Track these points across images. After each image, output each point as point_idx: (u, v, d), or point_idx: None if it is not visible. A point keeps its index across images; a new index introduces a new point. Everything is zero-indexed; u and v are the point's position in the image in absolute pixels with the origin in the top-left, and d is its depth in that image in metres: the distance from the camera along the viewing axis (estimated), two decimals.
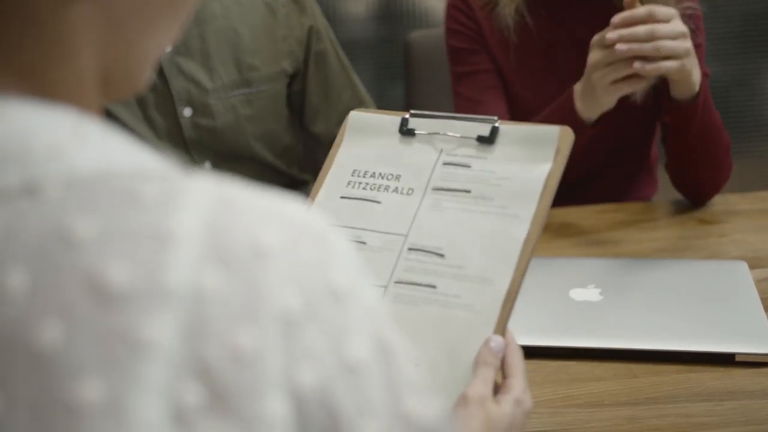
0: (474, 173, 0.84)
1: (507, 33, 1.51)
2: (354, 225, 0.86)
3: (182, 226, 0.40)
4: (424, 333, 0.78)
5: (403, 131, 0.89)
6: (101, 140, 0.43)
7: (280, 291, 0.40)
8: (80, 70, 0.45)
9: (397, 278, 0.81)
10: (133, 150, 0.44)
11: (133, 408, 0.37)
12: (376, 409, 0.42)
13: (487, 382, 0.73)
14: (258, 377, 0.39)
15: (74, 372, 0.37)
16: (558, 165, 0.81)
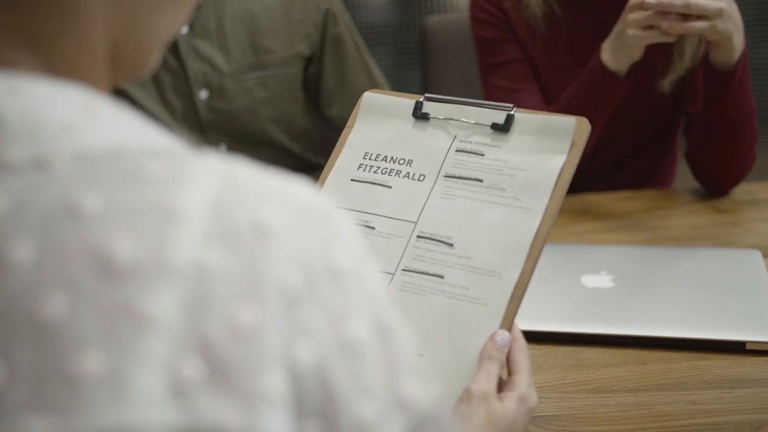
0: (487, 162, 0.83)
1: (534, 23, 1.50)
2: (363, 209, 0.85)
3: (188, 204, 0.41)
4: (429, 323, 0.77)
5: (417, 115, 0.88)
6: (112, 118, 0.43)
7: (282, 269, 0.41)
8: (90, 45, 0.46)
9: (405, 266, 0.81)
10: (143, 128, 0.45)
11: (133, 380, 0.38)
12: (373, 390, 0.42)
13: (491, 378, 0.72)
14: (257, 353, 0.39)
15: (77, 344, 0.38)
16: (572, 157, 0.80)
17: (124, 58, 0.48)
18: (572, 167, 0.80)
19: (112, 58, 0.48)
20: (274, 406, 0.39)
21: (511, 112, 0.84)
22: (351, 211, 0.85)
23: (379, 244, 0.83)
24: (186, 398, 0.38)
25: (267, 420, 0.39)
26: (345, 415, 0.41)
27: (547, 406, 0.94)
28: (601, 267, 1.18)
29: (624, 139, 1.58)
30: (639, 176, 1.64)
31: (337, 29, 1.62)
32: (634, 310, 1.08)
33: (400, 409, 0.43)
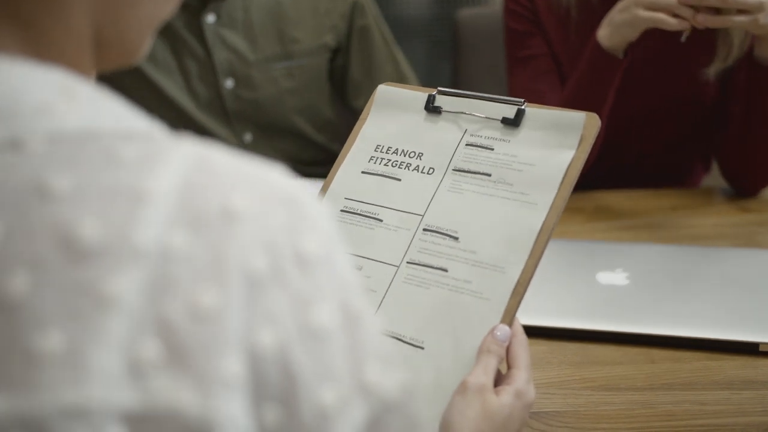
0: (496, 156, 0.83)
1: (568, 7, 1.48)
2: (372, 201, 0.85)
3: (158, 187, 0.41)
4: (431, 316, 0.77)
5: (429, 108, 0.88)
6: (90, 101, 0.44)
7: (247, 253, 0.41)
8: (74, 28, 0.46)
9: (410, 259, 0.81)
10: (123, 112, 0.45)
11: (92, 359, 0.38)
12: (336, 376, 0.42)
13: (488, 371, 0.72)
14: (216, 336, 0.40)
15: (37, 322, 0.38)
16: (581, 153, 0.80)
17: (110, 44, 0.49)
18: (580, 163, 0.80)
19: (98, 43, 0.48)
20: (231, 390, 0.40)
21: (521, 106, 0.84)
22: (360, 203, 0.86)
23: (386, 236, 0.83)
24: (143, 379, 0.39)
25: (223, 403, 0.39)
26: (305, 400, 0.42)
27: (551, 402, 0.93)
28: (618, 264, 1.17)
29: (660, 134, 1.56)
30: (671, 173, 1.62)
31: (364, 21, 1.62)
32: (646, 309, 1.07)
33: (362, 396, 0.44)
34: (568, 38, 1.51)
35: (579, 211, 1.44)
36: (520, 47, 1.55)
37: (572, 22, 1.49)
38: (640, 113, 1.52)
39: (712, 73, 1.43)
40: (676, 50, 1.46)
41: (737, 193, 1.49)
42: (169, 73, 1.53)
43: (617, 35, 1.34)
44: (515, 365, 0.74)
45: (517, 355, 0.75)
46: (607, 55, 1.36)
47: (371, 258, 0.82)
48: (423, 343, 0.76)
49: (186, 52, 1.53)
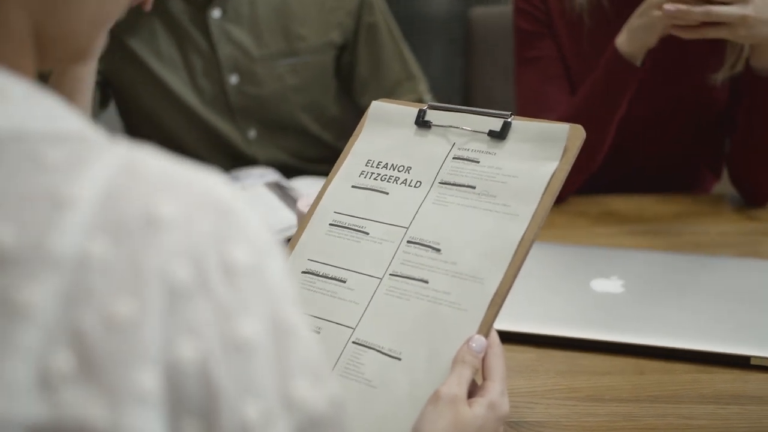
0: (481, 169, 0.83)
1: (580, 13, 1.46)
2: (360, 215, 0.86)
3: (80, 192, 0.40)
4: (409, 328, 0.77)
5: (420, 123, 0.88)
6: (24, 102, 0.43)
7: (169, 262, 0.40)
8: (10, 24, 0.45)
9: (393, 271, 0.81)
10: (57, 112, 0.44)
11: (1, 371, 0.37)
12: (260, 390, 0.41)
13: (462, 382, 0.71)
14: (131, 348, 0.39)
15: None
16: (564, 164, 0.80)
17: (54, 42, 0.47)
18: (563, 174, 0.79)
19: (40, 41, 0.47)
20: (143, 404, 0.39)
21: (508, 119, 0.84)
22: (349, 217, 0.86)
23: (372, 249, 0.83)
24: (53, 392, 0.38)
25: (134, 418, 0.38)
26: (227, 415, 0.40)
27: (534, 412, 0.92)
28: (614, 271, 1.15)
29: (669, 140, 1.53)
30: (678, 181, 1.59)
31: (372, 18, 1.61)
32: (639, 318, 1.05)
33: (288, 411, 0.42)
34: (579, 44, 1.49)
35: (583, 215, 1.43)
36: (527, 47, 1.53)
37: (584, 28, 1.47)
38: (649, 118, 1.50)
39: (719, 79, 1.41)
40: (685, 56, 1.44)
41: (746, 201, 1.47)
42: (174, 68, 1.53)
43: (636, 40, 1.33)
44: (490, 377, 0.73)
45: (492, 367, 0.74)
46: (625, 62, 1.35)
47: (356, 271, 0.83)
48: (400, 355, 0.77)
49: (191, 47, 1.53)
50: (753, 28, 1.23)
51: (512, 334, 1.02)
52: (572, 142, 0.80)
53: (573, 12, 1.48)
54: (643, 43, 1.33)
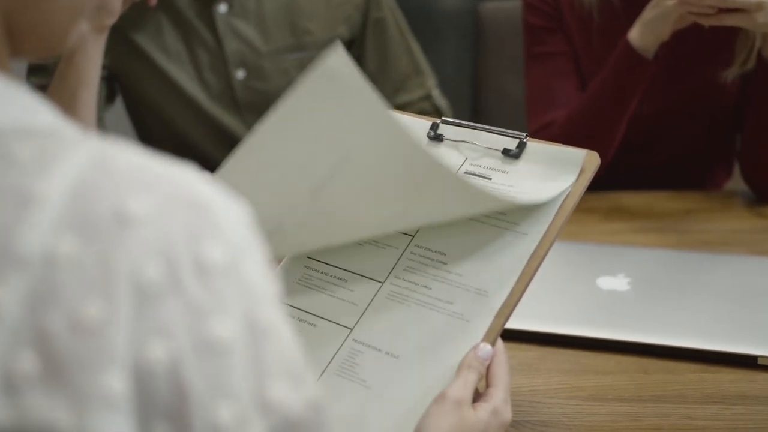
0: (492, 186, 0.82)
1: (590, 11, 1.45)
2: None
3: (48, 188, 0.39)
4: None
5: (432, 136, 0.87)
6: None
7: (139, 261, 0.39)
8: None
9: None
10: (29, 106, 0.43)
11: None
12: (233, 392, 0.40)
13: (468, 386, 0.71)
14: (98, 350, 0.37)
15: None
16: (578, 187, 0.79)
17: (25, 32, 0.46)
18: (576, 197, 0.79)
19: (10, 31, 0.46)
20: (110, 408, 0.37)
21: (523, 139, 0.84)
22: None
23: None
24: (16, 394, 0.37)
25: (101, 423, 0.37)
26: (199, 418, 0.39)
27: (536, 411, 0.90)
28: (620, 269, 1.13)
29: (679, 136, 1.52)
30: (689, 178, 1.57)
31: (379, 13, 1.60)
32: (644, 316, 1.04)
33: (263, 414, 0.41)
34: (589, 40, 1.47)
35: (592, 211, 1.41)
36: (536, 43, 1.52)
37: (594, 25, 1.46)
38: (660, 116, 1.48)
39: (730, 77, 1.39)
40: (695, 53, 1.43)
41: (758, 198, 1.45)
42: (180, 63, 1.53)
43: (649, 33, 1.32)
44: (494, 384, 0.73)
45: (496, 375, 0.74)
46: (638, 56, 1.34)
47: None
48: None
49: (197, 41, 1.52)
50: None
51: (515, 332, 1.01)
52: (588, 167, 0.80)
53: (582, 9, 1.46)
54: (656, 36, 1.31)
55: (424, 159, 0.71)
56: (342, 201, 0.76)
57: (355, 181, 0.75)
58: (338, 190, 0.75)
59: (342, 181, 0.74)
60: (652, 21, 1.31)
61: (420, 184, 0.75)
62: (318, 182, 0.75)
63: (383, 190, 0.76)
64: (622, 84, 1.38)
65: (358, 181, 0.75)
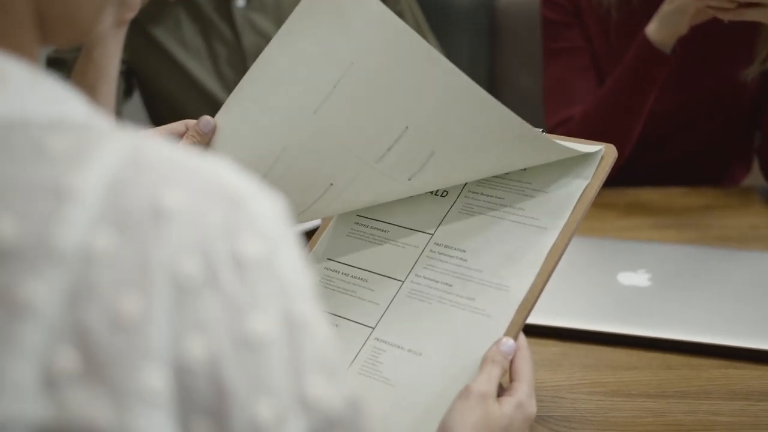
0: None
1: (608, 8, 1.45)
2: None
3: (84, 183, 0.38)
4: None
5: None
6: (25, 86, 0.42)
7: (177, 256, 0.38)
8: (10, 4, 0.44)
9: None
10: (60, 98, 0.43)
11: (4, 369, 0.36)
12: (272, 388, 0.40)
13: (492, 380, 0.71)
14: (137, 346, 0.37)
15: None
16: (596, 181, 0.79)
17: (56, 21, 0.46)
18: (594, 191, 0.79)
19: (42, 21, 0.45)
20: (151, 405, 0.37)
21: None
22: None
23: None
24: (57, 391, 0.36)
25: (142, 418, 0.37)
26: (238, 416, 0.39)
27: (558, 407, 0.90)
28: (641, 265, 1.13)
29: (698, 132, 1.51)
30: (706, 173, 1.57)
31: (397, 6, 1.60)
32: (666, 312, 1.03)
33: (302, 411, 0.41)
34: (607, 37, 1.47)
35: (611, 207, 1.40)
36: (554, 38, 1.52)
37: (612, 23, 1.45)
38: (678, 112, 1.48)
39: (750, 75, 1.39)
40: (715, 50, 1.42)
41: None
42: (198, 57, 1.53)
43: (667, 27, 1.31)
44: (518, 378, 0.73)
45: (520, 369, 0.73)
46: (656, 50, 1.33)
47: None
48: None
49: (215, 35, 1.52)
50: None
51: (537, 327, 1.01)
52: (605, 161, 0.80)
53: (600, 7, 1.46)
54: (674, 30, 1.31)
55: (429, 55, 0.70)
56: (344, 117, 0.76)
57: (358, 94, 0.74)
58: (341, 104, 0.75)
59: (345, 96, 0.74)
60: (669, 15, 1.31)
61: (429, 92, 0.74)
62: (321, 99, 0.75)
63: (387, 100, 0.75)
64: (640, 79, 1.37)
65: (361, 94, 0.74)
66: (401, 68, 0.73)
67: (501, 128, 0.75)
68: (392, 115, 0.75)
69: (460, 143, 0.77)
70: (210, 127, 0.79)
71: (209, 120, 0.79)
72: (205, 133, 0.79)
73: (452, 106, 0.74)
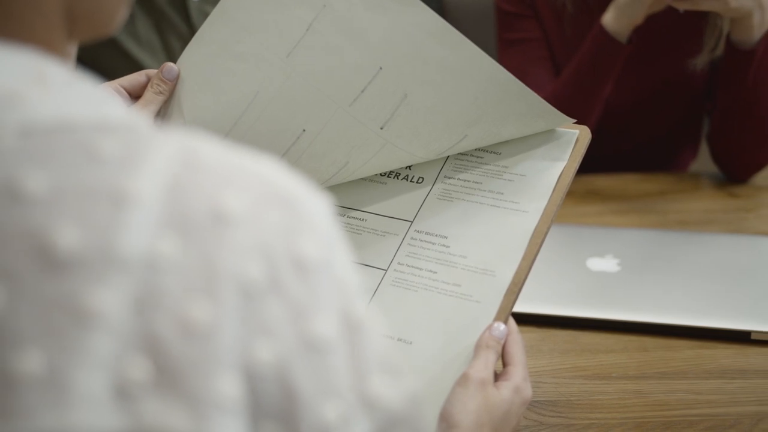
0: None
1: (563, 1, 1.47)
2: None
3: (142, 187, 0.38)
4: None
5: None
6: (66, 87, 0.41)
7: (241, 261, 0.38)
8: (44, 4, 0.43)
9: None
10: (101, 99, 0.42)
11: (74, 381, 0.35)
12: (337, 390, 0.40)
13: (489, 366, 0.71)
14: (209, 353, 0.37)
15: (14, 341, 0.35)
16: (572, 163, 0.81)
17: (84, 17, 0.45)
18: (571, 173, 0.81)
19: (71, 17, 0.44)
20: (226, 412, 0.37)
21: None
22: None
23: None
24: (131, 401, 0.36)
25: (218, 427, 0.37)
26: (306, 417, 0.39)
27: (543, 392, 0.92)
28: (608, 250, 1.16)
29: (650, 121, 1.55)
30: (657, 159, 1.61)
31: None
32: (638, 296, 1.06)
33: (366, 410, 0.41)
34: (562, 30, 1.49)
35: (569, 194, 1.40)
36: (509, 29, 1.53)
37: (566, 14, 1.48)
38: (631, 100, 1.51)
39: (699, 64, 1.42)
40: (665, 40, 1.45)
41: (727, 178, 1.48)
42: (152, 51, 1.50)
43: (623, 16, 1.34)
44: (512, 362, 0.74)
45: (513, 353, 0.74)
46: (612, 40, 1.36)
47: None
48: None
49: (170, 29, 1.50)
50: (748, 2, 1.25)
51: (514, 314, 1.02)
52: (580, 142, 0.82)
53: (556, 1, 1.48)
54: (631, 20, 1.34)
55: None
56: (318, 60, 0.76)
57: (331, 37, 0.74)
58: (314, 46, 0.75)
59: (318, 38, 0.74)
60: (626, 4, 1.33)
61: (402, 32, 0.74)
62: (294, 43, 0.75)
63: (360, 42, 0.75)
64: (598, 66, 1.40)
65: (334, 36, 0.74)
66: (373, 9, 0.74)
67: (473, 68, 0.77)
68: (365, 56, 0.76)
69: (432, 86, 0.77)
70: (174, 73, 0.78)
71: (172, 66, 0.78)
72: (169, 80, 0.78)
73: (424, 46, 0.75)
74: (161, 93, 0.79)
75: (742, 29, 1.34)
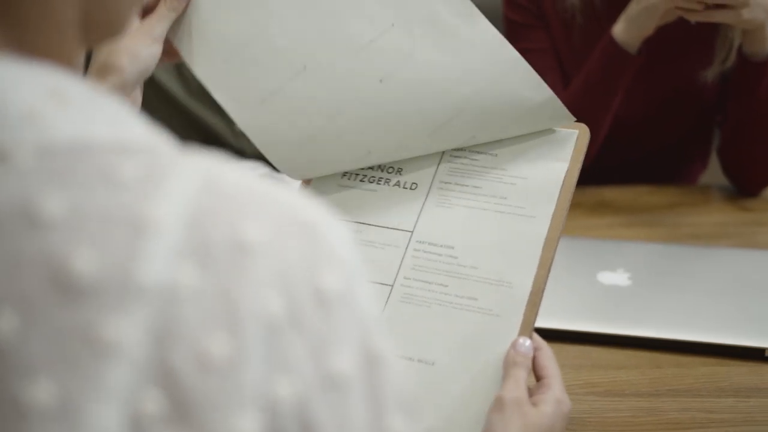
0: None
1: (573, 12, 1.46)
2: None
3: (163, 213, 0.36)
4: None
5: None
6: (84, 105, 0.39)
7: (262, 294, 0.37)
8: (61, 16, 0.42)
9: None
10: (120, 118, 0.40)
11: (89, 414, 0.34)
12: (357, 428, 0.38)
13: (520, 384, 0.69)
14: (228, 389, 0.35)
15: (26, 369, 0.34)
16: (575, 163, 0.78)
17: (97, 25, 0.44)
18: (576, 173, 0.78)
19: (85, 27, 0.43)
20: None
21: None
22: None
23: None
24: None
25: None
26: None
27: None
28: (619, 264, 1.14)
29: (660, 132, 1.54)
30: (667, 171, 1.59)
31: None
32: (650, 311, 1.05)
33: None
34: (571, 42, 1.48)
35: (576, 206, 1.39)
36: (517, 39, 1.52)
37: (576, 26, 1.47)
38: (641, 111, 1.50)
39: (710, 76, 1.41)
40: (676, 52, 1.44)
41: (738, 191, 1.47)
42: None
43: (634, 27, 1.33)
44: (547, 375, 0.71)
45: (546, 366, 0.72)
46: (622, 51, 1.35)
47: None
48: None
49: None
50: (755, 10, 1.24)
51: None
52: (580, 142, 0.79)
53: (565, 11, 1.47)
54: (641, 31, 1.33)
55: None
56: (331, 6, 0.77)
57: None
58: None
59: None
60: (637, 15, 1.32)
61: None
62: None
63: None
64: (606, 78, 1.39)
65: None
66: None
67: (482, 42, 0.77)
68: (380, 10, 0.76)
69: (439, 50, 0.77)
70: None
71: None
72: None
73: (437, 12, 0.76)
74: (174, 9, 0.79)
75: (754, 41, 1.33)
